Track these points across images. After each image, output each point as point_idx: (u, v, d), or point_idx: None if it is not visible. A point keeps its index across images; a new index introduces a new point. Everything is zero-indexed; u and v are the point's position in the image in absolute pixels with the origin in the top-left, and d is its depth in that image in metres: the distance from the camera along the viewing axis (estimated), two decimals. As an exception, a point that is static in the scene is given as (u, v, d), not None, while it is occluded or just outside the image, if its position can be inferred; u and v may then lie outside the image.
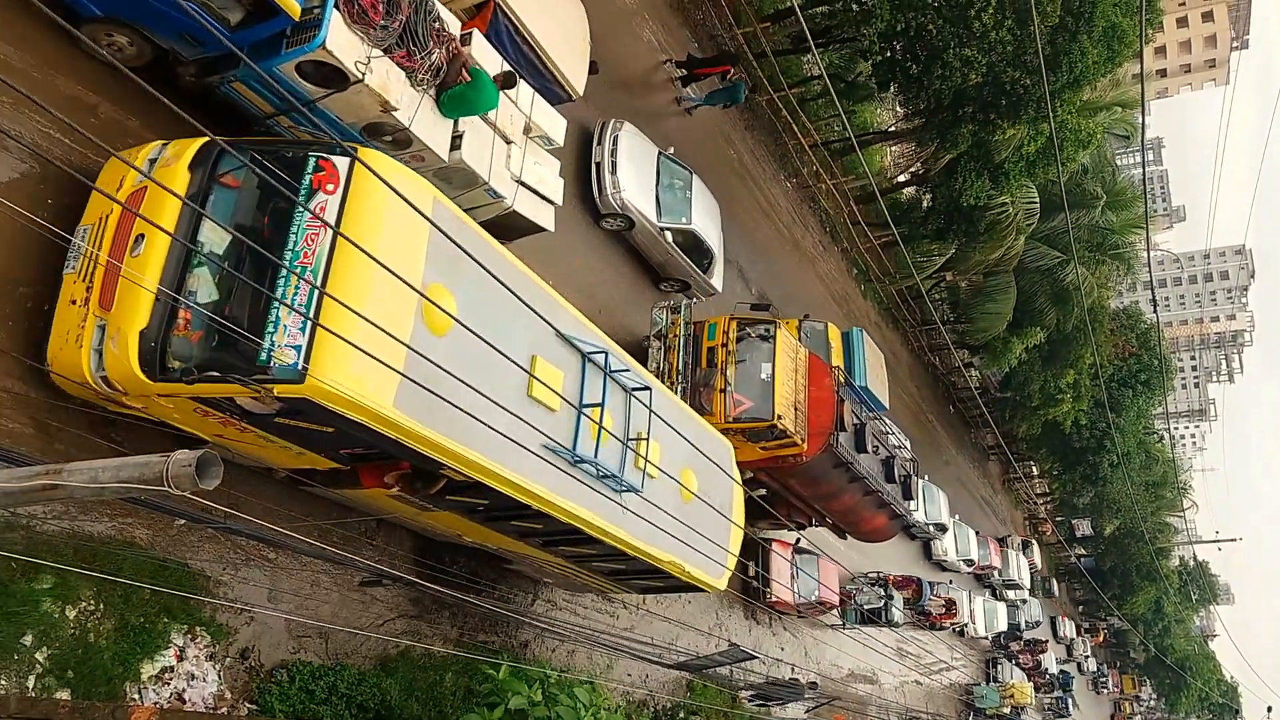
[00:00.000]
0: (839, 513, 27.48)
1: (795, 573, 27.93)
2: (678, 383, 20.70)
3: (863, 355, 30.71)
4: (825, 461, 23.48)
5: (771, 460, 22.54)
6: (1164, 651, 79.92)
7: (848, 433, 23.95)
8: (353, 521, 14.06)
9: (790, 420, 21.45)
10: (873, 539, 31.45)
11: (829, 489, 25.43)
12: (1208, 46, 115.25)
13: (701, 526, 14.08)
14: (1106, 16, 26.38)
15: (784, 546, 28.34)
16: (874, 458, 26.49)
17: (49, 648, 10.86)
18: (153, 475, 6.38)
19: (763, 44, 28.85)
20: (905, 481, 29.31)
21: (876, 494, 26.76)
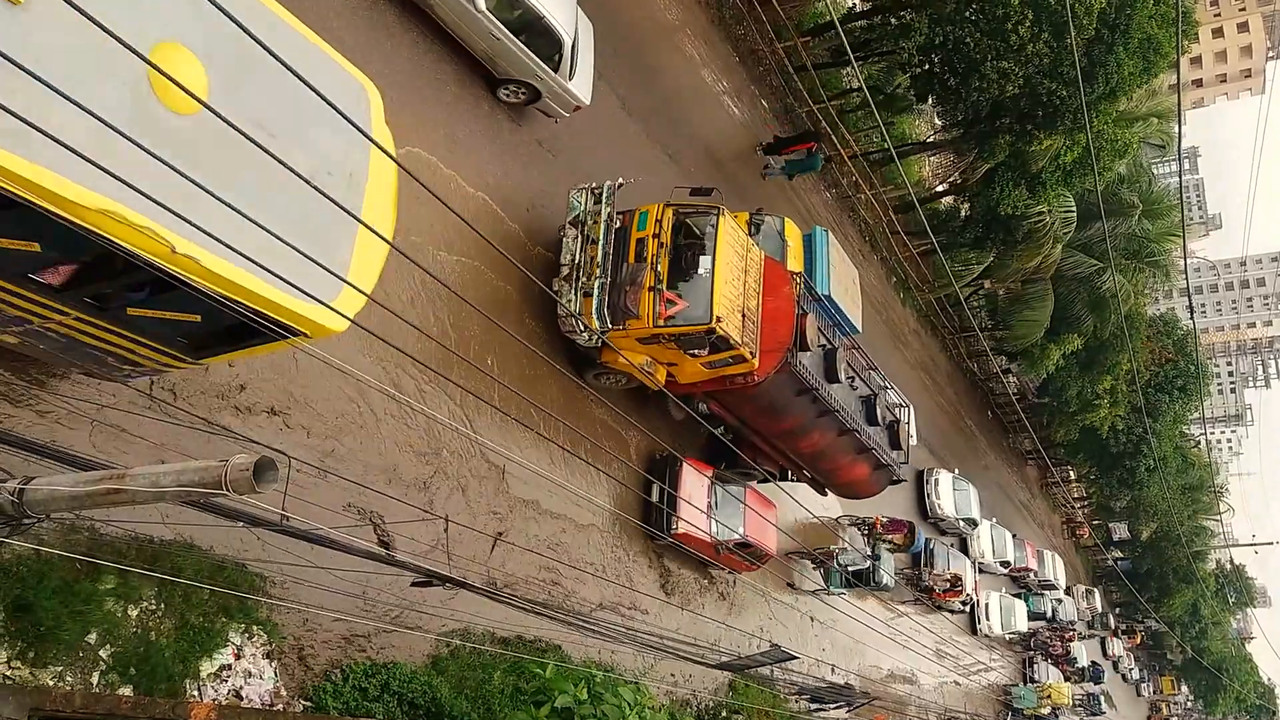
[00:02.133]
0: (809, 456, 24.24)
1: (714, 503, 22.18)
2: (595, 280, 17.81)
3: (827, 260, 26.37)
4: (785, 387, 20.48)
5: (719, 382, 19.66)
6: (1201, 653, 79.33)
7: (813, 355, 20.92)
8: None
9: (735, 328, 18.35)
10: (855, 492, 27.79)
11: (793, 423, 22.18)
12: (1243, 56, 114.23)
13: (287, 210, 7.74)
14: (1142, 28, 26.66)
15: (702, 468, 22.13)
16: (851, 393, 23.58)
17: (112, 645, 11.15)
18: (211, 479, 6.50)
19: (803, 58, 29.35)
20: (892, 427, 26.28)
21: (853, 434, 23.60)
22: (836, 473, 25.47)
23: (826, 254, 26.35)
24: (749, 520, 22.78)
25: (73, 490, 7.25)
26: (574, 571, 18.97)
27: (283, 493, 9.76)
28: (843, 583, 29.84)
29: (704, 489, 21.79)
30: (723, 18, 27.83)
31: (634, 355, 18.51)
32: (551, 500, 18.64)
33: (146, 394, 11.79)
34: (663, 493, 20.60)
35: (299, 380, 14.00)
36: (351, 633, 14.51)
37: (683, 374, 18.97)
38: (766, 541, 23.41)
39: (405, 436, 15.83)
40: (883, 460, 25.54)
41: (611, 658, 19.97)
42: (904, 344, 40.42)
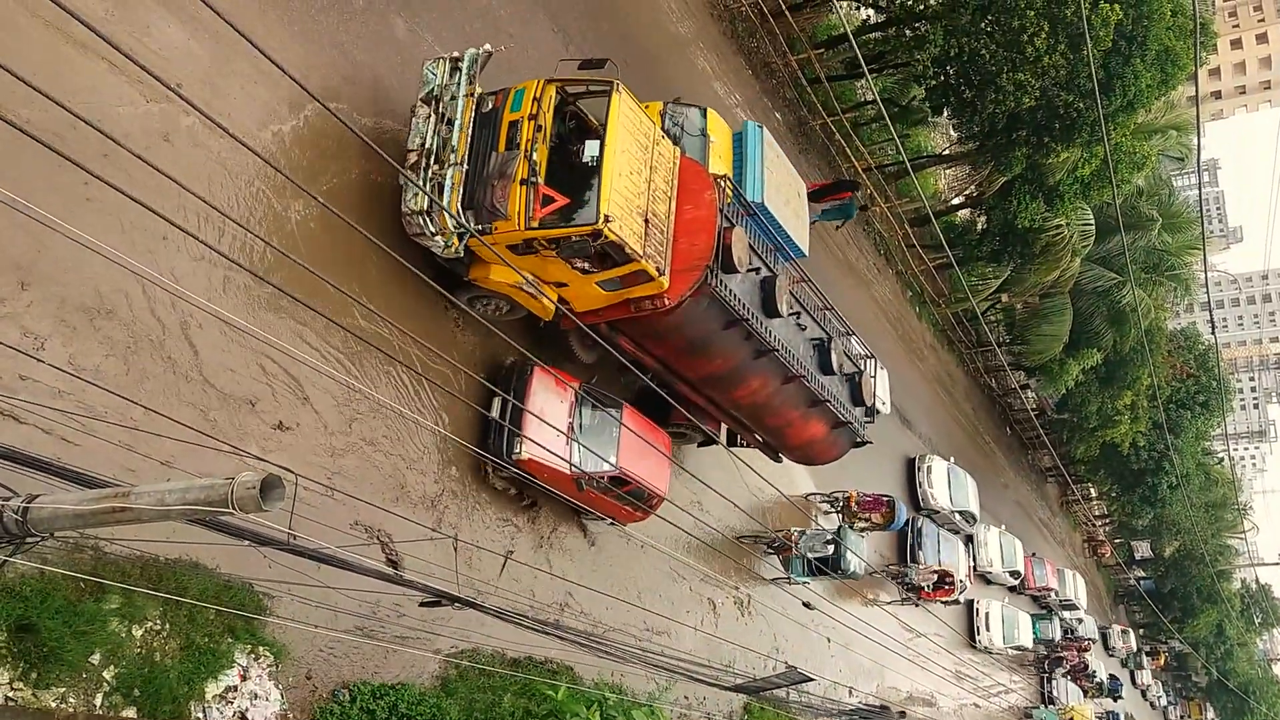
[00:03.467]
0: (750, 410, 20.33)
1: (577, 425, 17.59)
2: (449, 168, 14.62)
3: (761, 162, 21.45)
4: (707, 317, 16.92)
5: (623, 309, 16.08)
6: (1226, 675, 78.41)
7: (744, 280, 17.33)
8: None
9: (634, 235, 14.95)
10: (812, 456, 23.69)
11: (722, 365, 18.36)
12: (1263, 68, 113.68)
13: None
14: (1159, 40, 26.48)
15: (564, 379, 17.53)
16: (798, 333, 19.71)
17: (116, 666, 11.11)
18: (218, 498, 6.48)
19: (816, 70, 29.25)
20: (853, 380, 22.47)
21: (801, 383, 19.62)
22: (786, 431, 21.59)
23: (761, 155, 21.51)
24: (626, 449, 17.84)
25: (77, 508, 7.16)
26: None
27: (289, 511, 9.66)
28: (806, 570, 26.49)
29: (564, 406, 17.38)
30: (735, 30, 27.76)
31: (509, 272, 15.22)
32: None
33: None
34: (506, 406, 16.36)
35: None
36: (359, 653, 14.41)
37: (578, 298, 15.74)
38: (653, 479, 18.49)
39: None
40: (842, 417, 21.62)
41: (624, 680, 19.83)
42: (920, 358, 40.17)
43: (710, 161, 19.01)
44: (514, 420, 16.40)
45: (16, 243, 10.97)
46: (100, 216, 11.49)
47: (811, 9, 29.88)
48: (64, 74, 11.63)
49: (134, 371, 12.04)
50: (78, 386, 11.11)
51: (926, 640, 35.06)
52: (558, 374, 17.33)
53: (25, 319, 11.05)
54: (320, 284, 12.85)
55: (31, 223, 10.36)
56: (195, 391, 12.68)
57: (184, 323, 12.63)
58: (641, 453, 18.11)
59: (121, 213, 11.56)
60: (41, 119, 9.03)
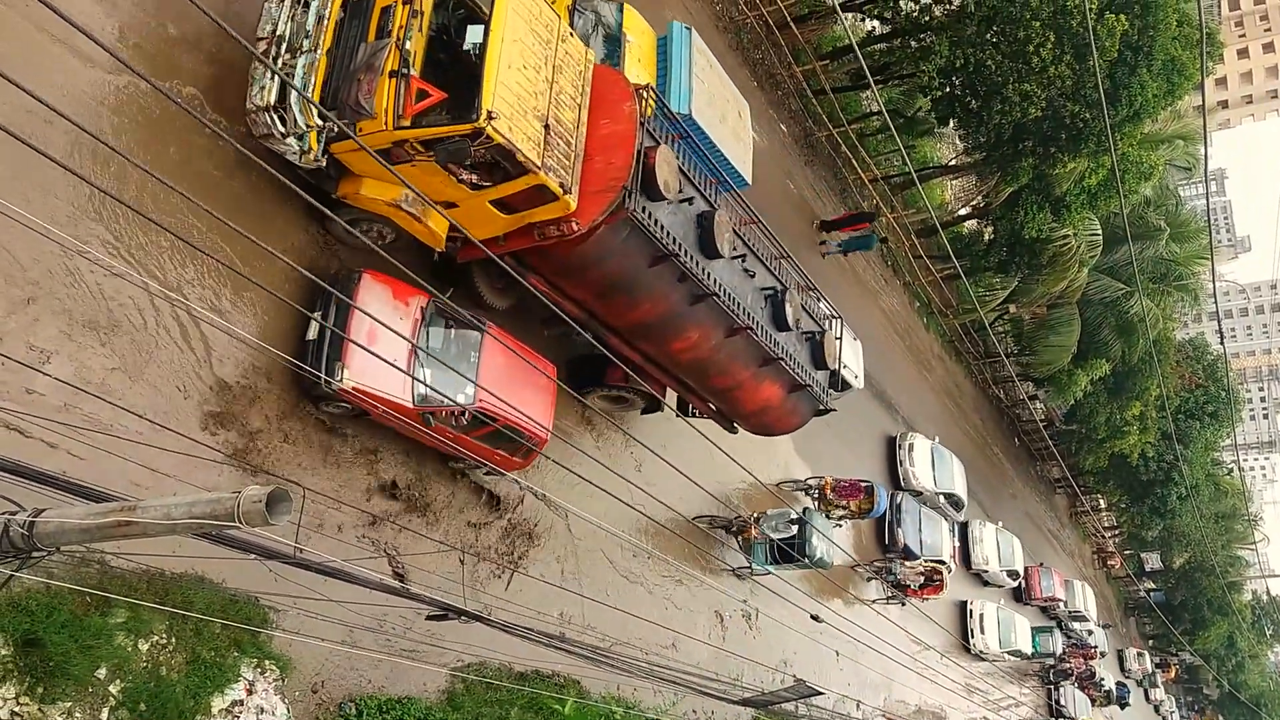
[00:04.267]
0: (690, 366, 17.80)
1: (423, 346, 14.35)
2: (302, 57, 12.56)
3: (687, 71, 18.89)
4: (629, 251, 14.61)
5: (525, 236, 13.93)
6: (1238, 688, 77.94)
7: (674, 210, 15.14)
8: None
9: (528, 140, 12.76)
10: (768, 425, 20.80)
11: (652, 310, 15.88)
12: (1269, 77, 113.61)
13: None
14: (1165, 50, 26.44)
15: (404, 290, 14.42)
16: (746, 280, 17.43)
17: (122, 680, 11.13)
18: (224, 511, 6.47)
19: (821, 82, 29.27)
20: (815, 341, 20.03)
21: (747, 336, 17.24)
22: (736, 395, 19.05)
23: (689, 61, 18.80)
24: (490, 377, 14.65)
25: (84, 522, 7.14)
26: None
27: (296, 524, 9.62)
28: (770, 558, 24.02)
29: (406, 323, 14.22)
30: (740, 42, 27.78)
31: (384, 187, 13.18)
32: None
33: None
34: (327, 320, 13.44)
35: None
36: (365, 667, 14.39)
37: (471, 222, 13.45)
38: (530, 415, 15.26)
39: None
40: (800, 379, 19.17)
41: (632, 693, 19.77)
42: (928, 369, 40.09)
43: (628, 66, 16.99)
44: (340, 340, 13.21)
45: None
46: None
47: (817, 21, 29.93)
48: None
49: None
50: (82, 399, 11.13)
51: (935, 653, 34.92)
52: (396, 284, 14.34)
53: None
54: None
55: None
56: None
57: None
58: (512, 383, 15.02)
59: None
60: None
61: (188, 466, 11.94)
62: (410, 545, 15.27)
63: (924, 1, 28.36)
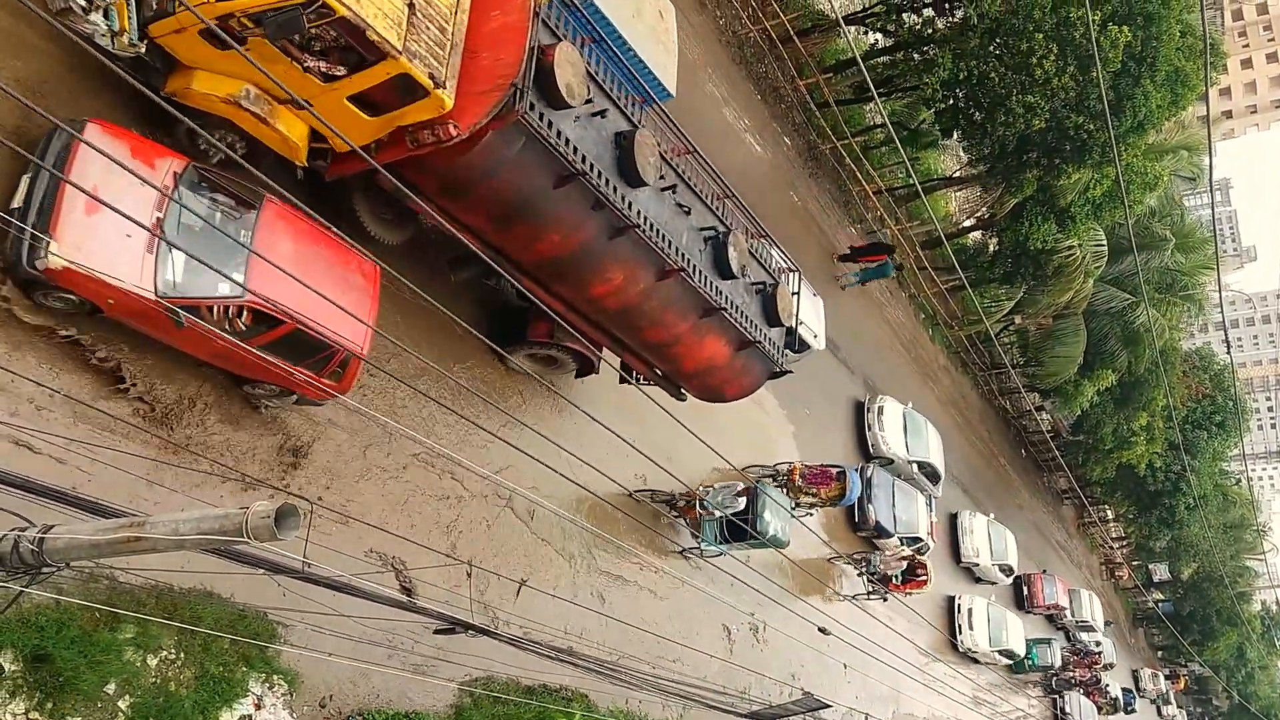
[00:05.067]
0: (618, 314, 15.78)
1: (170, 223, 11.16)
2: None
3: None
4: (526, 166, 12.71)
5: (398, 145, 11.87)
6: (1248, 699, 77.48)
7: (582, 122, 13.17)
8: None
9: (384, 16, 10.86)
10: (715, 386, 18.55)
11: (561, 241, 13.92)
12: (1274, 87, 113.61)
13: None
14: (1169, 61, 26.46)
15: (148, 147, 11.41)
16: (678, 216, 15.41)
17: (131, 696, 11.17)
18: (232, 527, 6.55)
19: (825, 94, 29.34)
20: (767, 293, 17.96)
21: (681, 280, 15.34)
22: (675, 351, 16.94)
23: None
24: (271, 268, 10.16)
25: (93, 538, 7.22)
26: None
27: (304, 539, 9.66)
28: (719, 537, 21.87)
29: (148, 193, 10.70)
30: (744, 56, 27.87)
31: (218, 81, 11.14)
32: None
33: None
34: (34, 188, 10.50)
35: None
36: (373, 681, 14.41)
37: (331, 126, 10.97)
38: (335, 322, 11.61)
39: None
40: (748, 334, 17.11)
41: (639, 707, 19.74)
42: (934, 381, 40.06)
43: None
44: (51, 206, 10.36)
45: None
46: None
47: (819, 34, 30.01)
48: None
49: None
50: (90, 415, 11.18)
51: (943, 665, 34.81)
52: (133, 138, 11.32)
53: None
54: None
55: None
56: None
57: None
58: (308, 274, 10.87)
59: None
60: None
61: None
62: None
63: (927, 14, 28.42)
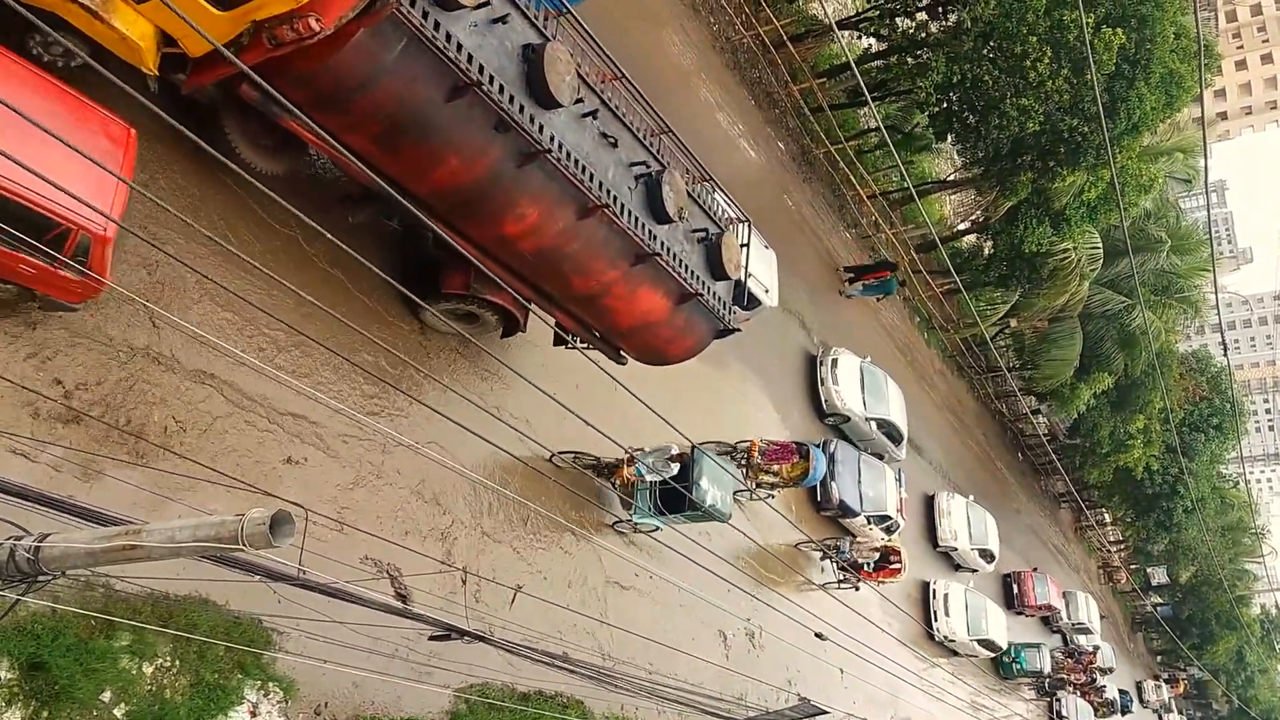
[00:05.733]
0: (535, 260, 13.99)
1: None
2: None
3: None
4: (410, 72, 11.14)
5: (256, 46, 10.38)
6: (1247, 703, 77.40)
7: (479, 31, 11.66)
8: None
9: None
10: (655, 346, 16.79)
11: (461, 168, 12.21)
12: (1268, 88, 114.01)
13: None
14: (1163, 63, 26.52)
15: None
16: (604, 147, 13.64)
17: (126, 704, 11.15)
18: (228, 534, 6.55)
19: (819, 98, 29.38)
20: (711, 243, 16.19)
21: (602, 217, 13.56)
22: (606, 303, 15.24)
23: None
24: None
25: (89, 547, 7.25)
26: None
27: (299, 547, 9.65)
28: (655, 508, 19.37)
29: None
30: (737, 61, 27.92)
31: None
32: None
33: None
34: None
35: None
36: (369, 688, 14.33)
37: (178, 24, 10.14)
38: (53, 193, 8.73)
39: None
40: (689, 287, 15.52)
41: (635, 713, 19.67)
42: (930, 385, 40.06)
43: None
44: None
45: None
46: None
47: (813, 39, 30.06)
48: None
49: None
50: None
51: (941, 670, 34.77)
52: None
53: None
54: None
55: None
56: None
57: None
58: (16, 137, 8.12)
59: None
60: None
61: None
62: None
63: (920, 18, 28.48)
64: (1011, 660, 42.10)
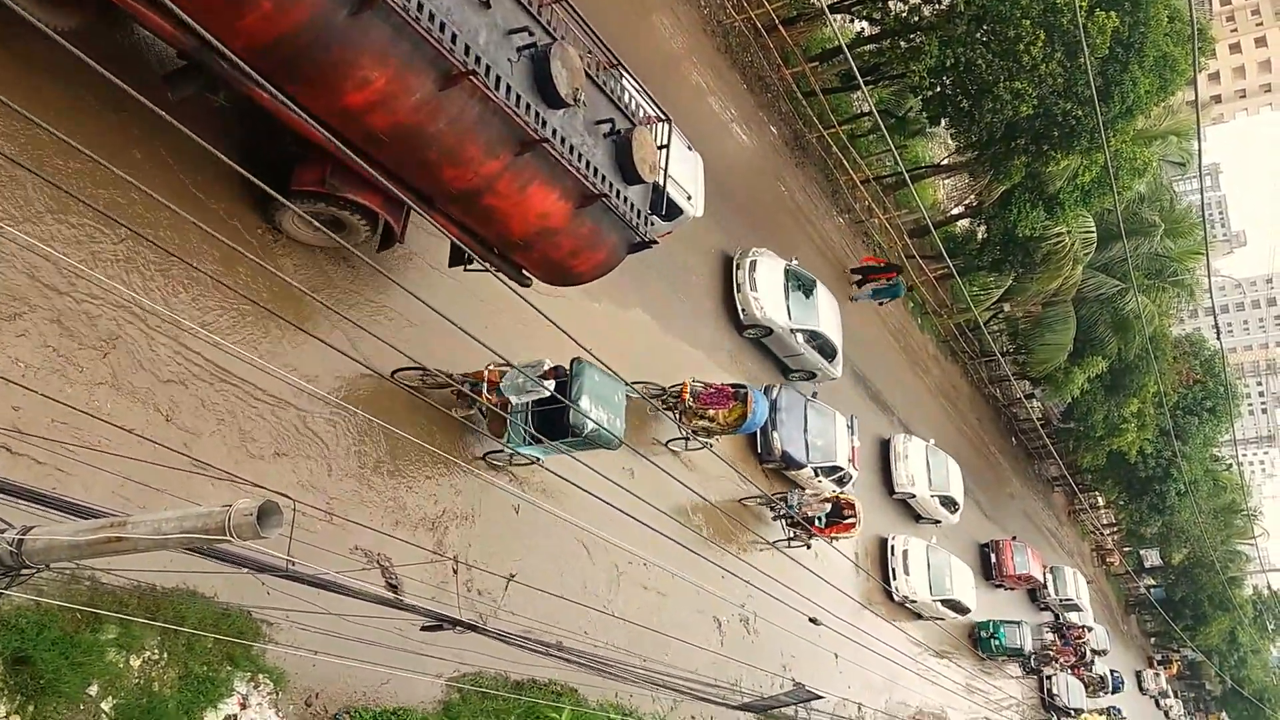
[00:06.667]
0: (390, 142, 11.43)
1: None
2: None
3: None
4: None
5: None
6: (1240, 684, 77.79)
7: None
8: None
9: None
10: (558, 265, 14.32)
11: (274, 13, 9.75)
12: (1262, 71, 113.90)
13: None
14: (1157, 46, 26.37)
15: None
16: (472, 6, 11.19)
17: (114, 697, 11.04)
18: (215, 525, 6.44)
19: (811, 83, 29.21)
20: (621, 140, 13.77)
21: (466, 86, 11.11)
22: (490, 202, 12.63)
23: None
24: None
25: (73, 539, 7.13)
26: None
27: (288, 537, 9.56)
28: (527, 437, 15.93)
29: None
30: (729, 45, 27.73)
31: None
32: None
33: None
34: None
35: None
36: (360, 678, 14.23)
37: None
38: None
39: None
40: (593, 188, 13.10)
41: (630, 701, 19.62)
42: (923, 370, 40.04)
43: None
44: None
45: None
46: None
47: (805, 23, 29.86)
48: None
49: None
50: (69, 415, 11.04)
51: (934, 655, 34.81)
52: None
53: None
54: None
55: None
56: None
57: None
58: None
59: None
60: None
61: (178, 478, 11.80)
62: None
63: (913, 2, 28.29)
64: (990, 636, 40.45)
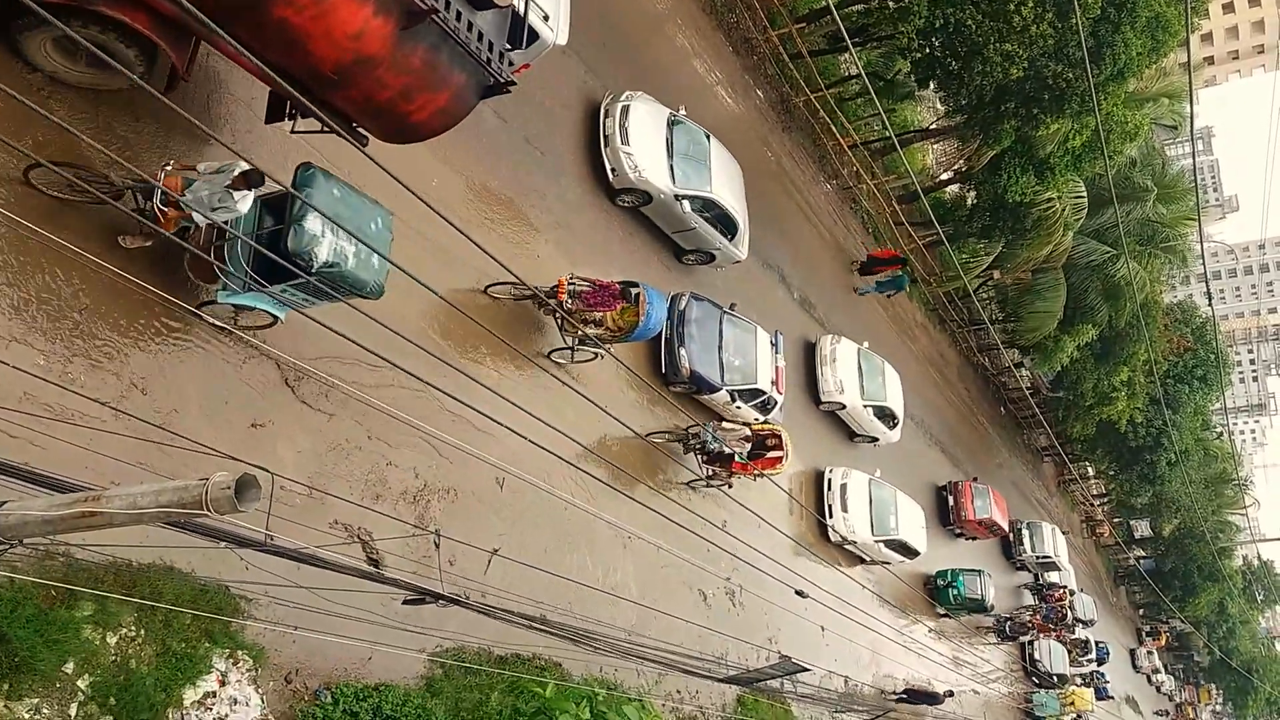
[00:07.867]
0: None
1: None
2: None
3: None
4: None
5: None
6: (1229, 654, 78.32)
7: None
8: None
9: None
10: (388, 111, 11.08)
11: None
12: (1255, 32, 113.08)
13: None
14: (1150, 6, 26.00)
15: None
16: None
17: (91, 675, 10.95)
18: (191, 499, 6.42)
19: (798, 45, 28.78)
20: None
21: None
22: (279, 13, 9.58)
23: None
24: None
25: (47, 514, 7.10)
26: None
27: (266, 511, 9.32)
28: (249, 279, 11.57)
29: None
30: (714, 5, 27.30)
31: None
32: None
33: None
34: None
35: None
36: (341, 654, 14.04)
37: None
38: None
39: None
40: (419, 1, 9.90)
41: (614, 675, 19.52)
42: (911, 338, 39.85)
43: None
44: None
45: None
46: None
47: (792, -19, 29.45)
48: None
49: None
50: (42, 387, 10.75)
51: (923, 626, 34.81)
52: None
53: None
54: None
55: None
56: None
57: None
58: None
59: None
60: None
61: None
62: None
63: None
64: (948, 585, 37.29)
